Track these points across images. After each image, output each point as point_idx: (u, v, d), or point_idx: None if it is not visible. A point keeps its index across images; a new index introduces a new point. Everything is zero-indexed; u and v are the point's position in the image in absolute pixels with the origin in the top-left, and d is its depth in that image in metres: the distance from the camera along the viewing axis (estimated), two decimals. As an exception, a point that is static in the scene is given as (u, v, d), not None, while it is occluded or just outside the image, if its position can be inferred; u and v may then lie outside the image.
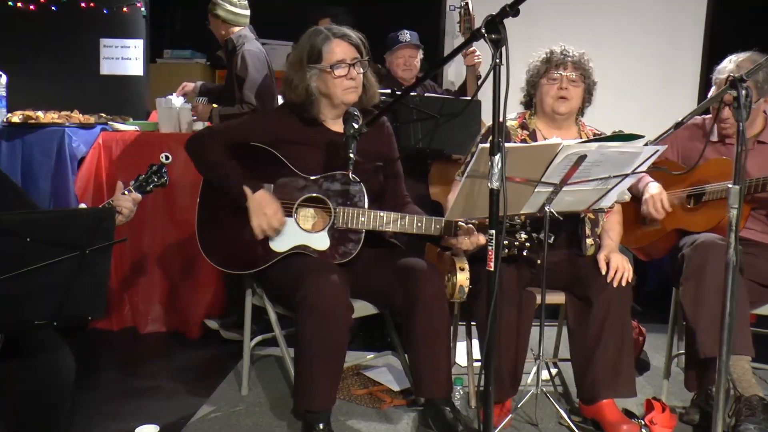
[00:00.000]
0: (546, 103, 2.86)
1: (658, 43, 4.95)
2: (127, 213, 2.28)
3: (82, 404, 2.85)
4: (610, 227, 2.92)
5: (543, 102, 2.87)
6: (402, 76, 4.13)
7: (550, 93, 2.84)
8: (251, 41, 3.76)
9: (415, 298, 2.61)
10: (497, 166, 1.95)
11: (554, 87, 2.83)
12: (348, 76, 2.71)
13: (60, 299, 1.87)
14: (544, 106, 2.88)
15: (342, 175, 2.69)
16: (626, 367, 2.72)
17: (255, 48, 3.69)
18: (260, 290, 2.89)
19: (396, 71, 4.16)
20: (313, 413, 2.57)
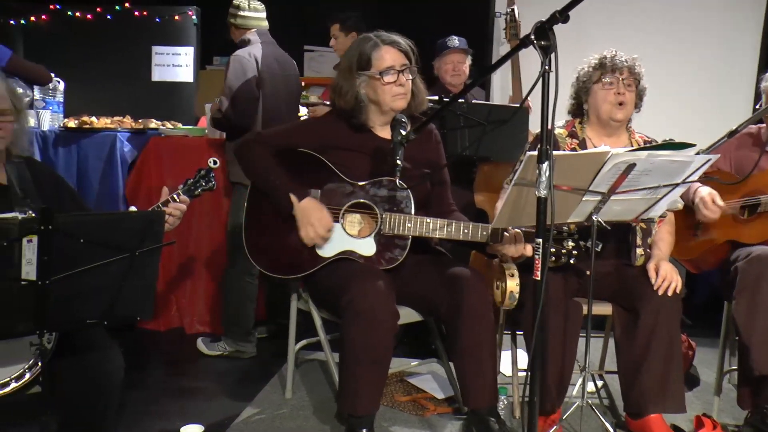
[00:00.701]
0: (602, 110, 2.81)
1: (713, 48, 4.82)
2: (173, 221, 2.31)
3: (129, 402, 2.91)
4: (661, 237, 2.86)
5: (599, 108, 2.82)
6: (451, 81, 4.12)
7: (607, 99, 2.79)
8: (253, 45, 3.71)
9: (460, 306, 2.60)
10: (545, 174, 1.94)
11: (611, 92, 2.78)
12: (397, 82, 2.71)
13: (110, 299, 1.91)
14: (599, 113, 2.83)
15: (389, 181, 2.69)
16: (675, 381, 2.66)
17: (246, 53, 3.63)
18: (306, 295, 2.91)
19: (444, 77, 4.16)
20: (357, 418, 2.57)
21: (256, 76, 3.62)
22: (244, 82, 3.58)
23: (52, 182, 2.38)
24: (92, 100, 5.06)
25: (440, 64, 4.19)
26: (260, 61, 3.64)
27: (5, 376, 1.98)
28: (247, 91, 3.59)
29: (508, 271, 2.61)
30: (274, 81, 3.71)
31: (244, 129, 3.63)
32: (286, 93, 3.83)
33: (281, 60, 3.82)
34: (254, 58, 3.63)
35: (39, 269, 1.77)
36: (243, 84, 3.58)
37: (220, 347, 3.72)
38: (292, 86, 3.89)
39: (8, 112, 2.20)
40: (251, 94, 3.60)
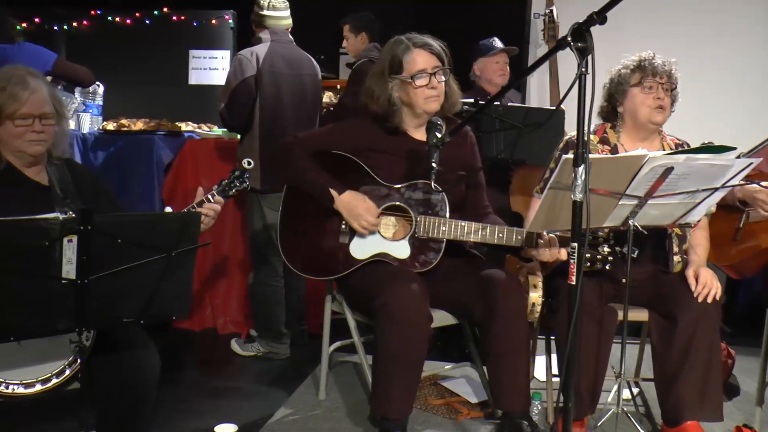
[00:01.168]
0: (641, 113, 2.75)
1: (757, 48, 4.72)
2: (207, 221, 2.34)
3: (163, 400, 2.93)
4: (697, 243, 2.81)
5: (636, 112, 2.76)
6: (498, 81, 4.12)
7: (646, 103, 2.73)
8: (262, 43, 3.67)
9: (495, 309, 2.59)
10: (581, 177, 1.92)
11: (650, 96, 2.72)
12: (429, 85, 2.71)
13: (147, 299, 1.94)
14: (637, 116, 2.77)
15: (424, 184, 2.69)
16: (713, 389, 2.61)
17: (248, 52, 3.60)
18: (340, 297, 2.92)
19: (492, 77, 4.15)
20: (390, 421, 2.57)
21: (254, 75, 3.57)
22: (241, 81, 3.55)
23: (91, 183, 2.43)
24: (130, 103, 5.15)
25: (485, 65, 4.16)
26: (262, 59, 3.59)
27: (47, 372, 2.03)
28: (244, 90, 3.56)
29: (533, 282, 2.61)
30: (277, 80, 3.64)
31: (241, 129, 3.65)
32: (294, 93, 3.72)
33: (293, 59, 3.73)
34: (256, 56, 3.59)
35: (78, 268, 1.80)
36: (240, 83, 3.55)
37: (254, 348, 3.75)
38: (303, 86, 3.77)
39: (50, 116, 2.26)
40: (247, 93, 3.57)
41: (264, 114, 3.61)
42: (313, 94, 3.83)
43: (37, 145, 2.25)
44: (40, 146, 2.26)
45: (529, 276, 2.64)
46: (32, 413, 2.66)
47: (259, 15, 3.73)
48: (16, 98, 2.19)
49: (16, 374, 2.00)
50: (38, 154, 2.28)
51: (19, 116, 2.20)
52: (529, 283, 2.62)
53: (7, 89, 2.20)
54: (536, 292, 2.61)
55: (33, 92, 2.22)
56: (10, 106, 2.19)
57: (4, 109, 2.20)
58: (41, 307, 1.81)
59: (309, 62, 3.83)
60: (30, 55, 3.78)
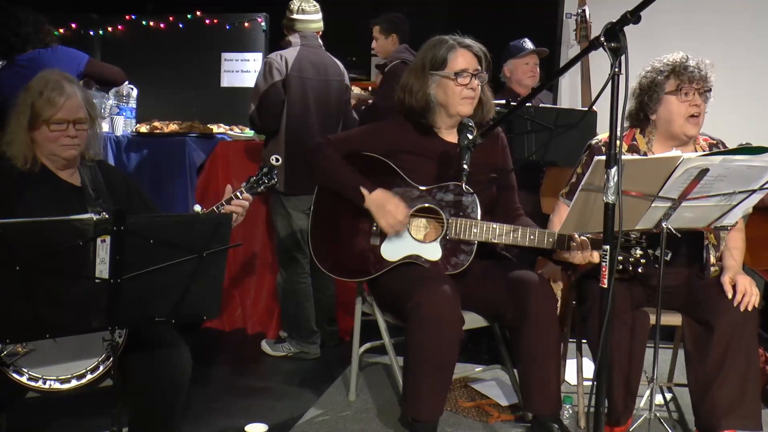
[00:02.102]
0: (675, 124, 2.62)
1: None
2: (236, 218, 2.36)
3: (194, 399, 2.96)
4: (734, 246, 2.76)
5: (671, 122, 2.63)
6: (528, 83, 4.10)
7: (680, 112, 2.60)
8: (292, 47, 3.69)
9: (526, 312, 2.57)
10: (613, 179, 1.89)
11: (685, 105, 2.60)
12: (469, 85, 2.70)
13: (178, 299, 1.96)
14: (671, 126, 2.64)
15: (455, 185, 2.68)
16: (751, 397, 2.55)
17: (278, 56, 3.63)
18: (370, 298, 2.92)
19: (522, 78, 4.13)
20: (420, 423, 2.57)
21: (283, 79, 3.60)
22: (271, 85, 3.58)
23: (123, 184, 2.47)
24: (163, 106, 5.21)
25: (515, 66, 4.15)
26: (291, 63, 3.62)
27: (82, 368, 2.05)
28: (274, 93, 3.58)
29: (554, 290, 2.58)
30: (304, 85, 3.66)
31: (270, 132, 3.66)
32: (320, 98, 3.73)
33: (320, 64, 3.75)
34: (285, 60, 3.62)
35: (111, 268, 1.83)
36: (270, 86, 3.58)
37: (285, 348, 3.77)
38: (329, 91, 3.78)
39: (84, 121, 2.30)
40: (277, 96, 3.60)
41: (291, 118, 3.64)
42: (337, 99, 3.84)
43: (71, 149, 2.29)
44: (74, 150, 2.30)
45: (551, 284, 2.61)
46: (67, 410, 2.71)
47: (289, 19, 3.77)
48: (53, 103, 2.23)
49: (52, 370, 2.03)
50: (72, 158, 2.32)
51: (54, 121, 2.24)
52: None
53: (44, 94, 2.24)
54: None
55: (69, 98, 2.26)
56: (47, 111, 2.23)
57: (40, 114, 2.23)
58: (75, 305, 1.84)
59: (336, 67, 3.84)
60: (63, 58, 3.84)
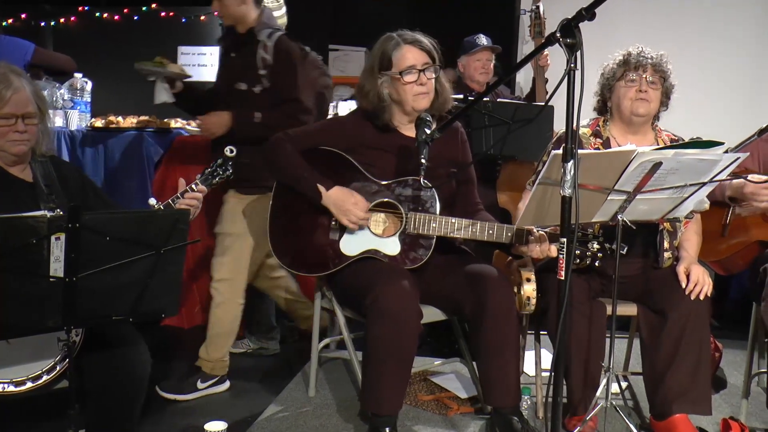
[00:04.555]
0: (624, 106, 2.77)
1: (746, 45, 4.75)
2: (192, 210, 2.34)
3: (153, 398, 2.93)
4: (688, 238, 2.83)
5: (620, 105, 2.78)
6: (479, 79, 4.12)
7: (628, 95, 2.75)
8: None
9: (485, 306, 2.59)
10: (570, 173, 1.92)
11: (632, 90, 2.74)
12: (418, 81, 2.71)
13: (136, 296, 1.94)
14: (621, 110, 2.79)
15: (414, 180, 2.69)
16: (702, 383, 2.63)
17: None
18: (330, 293, 2.92)
19: (473, 74, 4.15)
20: (380, 417, 2.58)
21: None
22: None
23: (77, 180, 2.42)
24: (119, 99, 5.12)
25: (468, 62, 4.18)
26: None
27: (37, 370, 2.02)
28: None
29: (526, 276, 2.60)
30: None
31: None
32: None
33: None
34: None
35: (66, 266, 1.80)
36: None
37: (244, 345, 3.74)
38: None
39: (33, 115, 2.24)
40: None
41: None
42: None
43: (20, 145, 2.23)
44: (23, 146, 2.24)
45: (521, 270, 2.64)
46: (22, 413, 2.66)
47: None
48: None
49: (6, 373, 1.99)
50: (22, 154, 2.26)
51: (1, 116, 2.18)
52: (522, 276, 2.62)
53: None
54: (530, 285, 2.60)
55: (16, 91, 2.20)
56: None
57: None
58: (30, 305, 1.81)
59: None
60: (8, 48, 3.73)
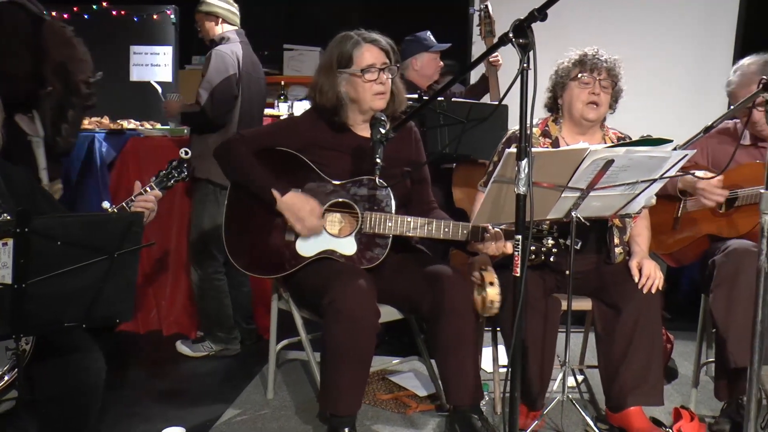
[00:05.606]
0: (575, 108, 2.81)
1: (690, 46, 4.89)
2: (147, 213, 2.30)
3: (110, 405, 2.88)
4: (639, 233, 2.89)
5: (572, 106, 2.82)
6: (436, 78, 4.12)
7: (580, 97, 2.79)
8: (233, 43, 3.66)
9: (442, 304, 2.61)
10: (524, 171, 1.95)
11: (585, 91, 2.78)
12: (377, 81, 2.71)
13: (89, 302, 1.90)
14: (572, 111, 2.83)
15: (369, 180, 2.69)
16: (654, 375, 2.69)
17: (228, 50, 3.60)
18: (287, 295, 2.90)
19: (432, 73, 4.14)
20: (339, 417, 2.58)
21: (236, 74, 3.58)
22: (225, 78, 3.54)
23: (26, 183, 2.36)
24: (69, 100, 5.01)
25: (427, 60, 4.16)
26: (241, 61, 3.62)
27: (-16, 381, 1.96)
28: (227, 87, 3.55)
29: (489, 279, 2.62)
30: (250, 83, 3.68)
31: (218, 125, 3.59)
32: (259, 96, 3.80)
33: (255, 62, 3.79)
34: (236, 56, 3.60)
35: (15, 272, 1.75)
36: (224, 80, 3.54)
37: (206, 347, 3.71)
38: (262, 89, 3.86)
39: None
40: (230, 91, 3.57)
41: (243, 114, 3.63)
42: (265, 97, 3.91)
43: None
44: None
45: (483, 273, 2.65)
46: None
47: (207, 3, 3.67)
48: None
49: (-47, 384, 1.94)
50: None
51: None
52: (485, 279, 2.63)
53: None
54: (493, 288, 2.59)
55: None
56: None
57: None
58: (-25, 313, 1.76)
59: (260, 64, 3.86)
60: None
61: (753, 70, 2.81)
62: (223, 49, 3.60)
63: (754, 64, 2.85)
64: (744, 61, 2.92)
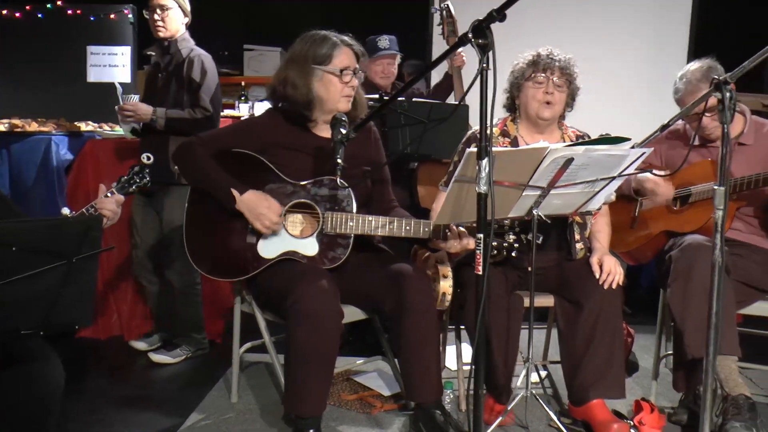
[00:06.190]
0: (531, 107, 2.85)
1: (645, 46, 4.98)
2: (111, 215, 2.27)
3: (71, 414, 2.84)
4: (599, 229, 2.93)
5: (527, 106, 2.86)
6: (379, 83, 4.12)
7: (536, 97, 2.83)
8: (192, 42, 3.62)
9: (404, 303, 2.61)
10: (485, 170, 1.96)
11: (540, 91, 2.82)
12: (350, 83, 2.73)
13: (47, 308, 1.86)
14: (528, 110, 2.87)
15: (330, 180, 2.69)
16: (616, 369, 2.73)
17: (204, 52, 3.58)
18: (249, 297, 2.88)
19: (374, 78, 4.14)
20: (304, 419, 2.57)
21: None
22: (218, 84, 3.56)
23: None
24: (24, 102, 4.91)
25: (370, 65, 4.17)
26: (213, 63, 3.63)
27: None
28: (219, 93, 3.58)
29: (443, 272, 2.65)
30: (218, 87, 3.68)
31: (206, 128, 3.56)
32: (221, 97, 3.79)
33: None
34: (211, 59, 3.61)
35: (-32, 279, 1.71)
36: (217, 85, 3.55)
37: (183, 351, 3.66)
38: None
39: None
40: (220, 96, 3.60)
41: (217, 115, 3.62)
42: None
43: None
44: None
45: (438, 266, 2.68)
46: None
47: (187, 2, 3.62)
48: None
49: None
50: None
51: None
52: (439, 273, 2.67)
53: None
54: (446, 281, 2.66)
55: None
56: None
57: None
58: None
59: None
60: None
61: (698, 77, 2.88)
62: (203, 52, 3.58)
63: (698, 71, 2.90)
64: (688, 67, 2.97)
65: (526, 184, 2.39)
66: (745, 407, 2.63)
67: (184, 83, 3.53)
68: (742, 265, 2.81)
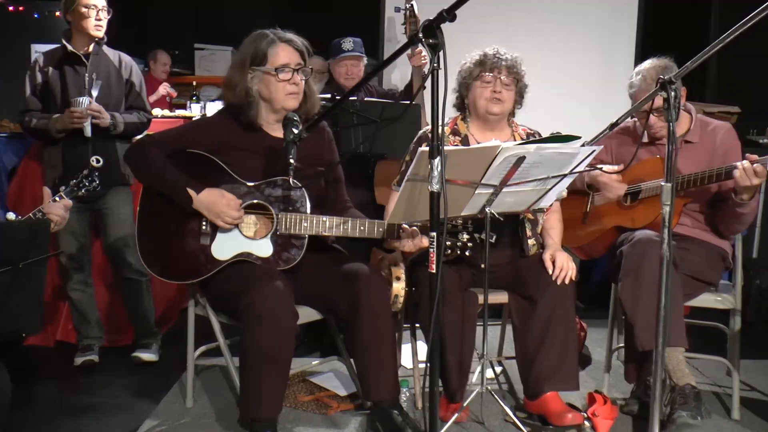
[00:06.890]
0: (480, 105, 2.89)
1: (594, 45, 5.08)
2: (59, 220, 2.23)
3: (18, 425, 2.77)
4: (551, 226, 2.98)
5: (476, 104, 2.90)
6: (344, 84, 4.14)
7: (483, 95, 2.87)
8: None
9: (359, 303, 2.62)
10: (437, 169, 1.98)
11: (487, 90, 2.86)
12: (291, 81, 2.70)
13: (-7, 316, 1.81)
14: (477, 108, 2.91)
15: (283, 180, 2.67)
16: (569, 362, 2.78)
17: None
18: (203, 300, 2.85)
19: (339, 79, 4.17)
20: (260, 422, 2.55)
21: None
22: None
23: None
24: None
25: (334, 67, 4.20)
26: None
27: None
28: None
29: (396, 274, 2.67)
30: None
31: None
32: None
33: None
34: None
35: None
36: None
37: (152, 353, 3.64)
38: None
39: None
40: None
41: None
42: None
43: None
44: None
45: (392, 268, 2.70)
46: None
47: None
48: None
49: None
50: None
51: None
52: (392, 274, 2.68)
53: None
54: (399, 283, 2.68)
55: None
56: None
57: None
58: None
59: None
60: None
61: (653, 75, 2.93)
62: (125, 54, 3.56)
63: (653, 69, 2.96)
64: (645, 64, 3.03)
65: (479, 182, 2.41)
66: (691, 396, 2.70)
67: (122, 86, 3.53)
68: (689, 259, 2.88)
